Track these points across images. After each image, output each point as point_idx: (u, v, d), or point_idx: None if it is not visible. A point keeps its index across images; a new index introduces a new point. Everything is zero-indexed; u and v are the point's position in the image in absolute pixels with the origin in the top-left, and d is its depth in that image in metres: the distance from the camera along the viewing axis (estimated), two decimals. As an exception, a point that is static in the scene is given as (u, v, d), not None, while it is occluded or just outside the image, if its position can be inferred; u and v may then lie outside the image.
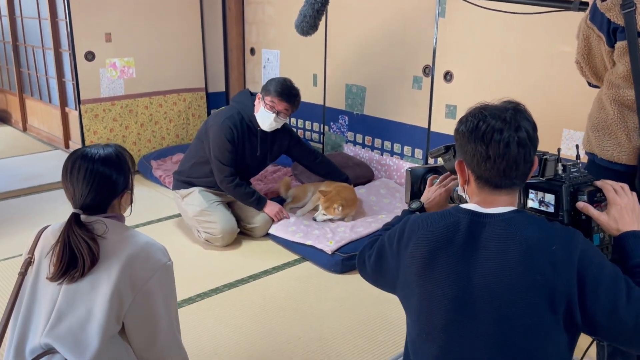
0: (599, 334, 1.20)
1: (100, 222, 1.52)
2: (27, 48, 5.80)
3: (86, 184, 1.51)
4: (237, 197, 3.36)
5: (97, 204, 1.54)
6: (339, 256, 3.02)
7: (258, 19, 4.84)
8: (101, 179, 1.52)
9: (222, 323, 2.55)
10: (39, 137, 5.93)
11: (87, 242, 1.47)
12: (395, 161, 4.00)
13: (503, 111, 1.24)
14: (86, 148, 1.58)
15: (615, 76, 1.78)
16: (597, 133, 1.85)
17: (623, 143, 1.78)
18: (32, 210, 3.92)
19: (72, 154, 1.57)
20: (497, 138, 1.21)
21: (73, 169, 1.53)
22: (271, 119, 3.25)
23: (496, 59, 3.29)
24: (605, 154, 1.82)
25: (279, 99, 3.22)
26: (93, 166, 1.52)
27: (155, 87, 4.76)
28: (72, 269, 1.47)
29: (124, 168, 1.58)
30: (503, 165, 1.23)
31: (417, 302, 1.30)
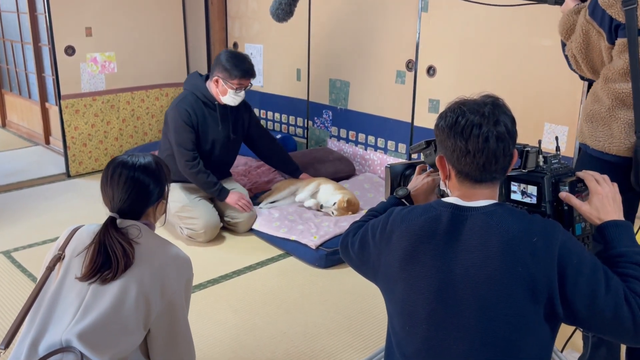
0: (579, 324, 1.21)
1: (135, 227, 1.58)
2: (5, 43, 5.71)
3: (125, 190, 1.59)
4: (199, 184, 3.31)
5: (133, 209, 1.62)
6: (323, 251, 3.01)
7: (241, 13, 4.81)
8: (140, 186, 1.60)
9: (205, 318, 2.54)
10: (18, 133, 5.84)
11: (122, 245, 1.52)
12: (379, 156, 4.01)
13: (482, 106, 1.25)
14: (126, 156, 1.66)
15: (612, 71, 1.80)
16: (590, 124, 1.89)
17: (615, 134, 1.81)
18: (13, 207, 3.86)
19: (113, 161, 1.65)
20: (476, 133, 1.22)
21: (114, 175, 1.60)
22: (242, 95, 3.33)
23: (478, 53, 3.30)
24: (597, 144, 1.86)
25: (246, 78, 3.28)
26: (134, 174, 1.60)
27: (137, 82, 4.71)
28: (105, 270, 1.50)
29: (161, 178, 1.66)
30: (482, 159, 1.24)
31: (400, 295, 1.31)
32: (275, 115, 4.76)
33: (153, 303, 1.52)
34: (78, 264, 1.55)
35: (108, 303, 1.48)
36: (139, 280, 1.51)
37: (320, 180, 3.62)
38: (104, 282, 1.50)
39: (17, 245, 3.28)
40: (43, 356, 1.43)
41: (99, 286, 1.51)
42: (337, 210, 3.37)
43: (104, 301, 1.49)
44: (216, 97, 3.33)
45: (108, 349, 1.46)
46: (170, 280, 1.55)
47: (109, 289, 1.50)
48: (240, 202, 3.34)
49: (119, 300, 1.49)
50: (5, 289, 2.79)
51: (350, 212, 3.38)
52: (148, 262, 1.54)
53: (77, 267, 1.54)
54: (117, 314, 1.48)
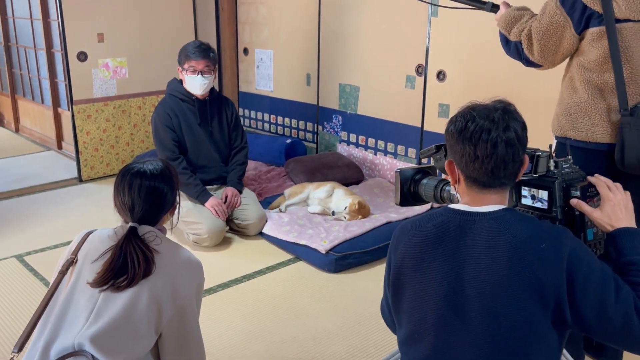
0: (588, 332, 1.20)
1: (152, 233, 1.60)
2: (19, 48, 5.77)
3: (146, 200, 1.60)
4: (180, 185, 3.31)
5: (151, 217, 1.63)
6: (333, 255, 3.01)
7: (251, 19, 4.84)
8: (158, 194, 1.62)
9: (215, 323, 2.54)
10: (31, 137, 5.89)
11: (144, 253, 1.53)
12: (389, 160, 4.01)
13: (492, 111, 1.25)
14: (138, 164, 1.66)
15: (587, 62, 1.88)
16: (570, 117, 1.96)
17: (597, 123, 1.89)
18: (25, 211, 3.90)
19: (127, 170, 1.64)
20: (485, 138, 1.22)
21: (133, 185, 1.60)
22: (198, 80, 3.35)
23: (489, 58, 3.29)
24: (579, 135, 1.93)
25: (196, 60, 3.33)
26: (153, 183, 1.61)
27: (148, 88, 4.74)
28: (119, 278, 1.51)
29: (174, 183, 1.68)
30: (491, 165, 1.23)
31: (408, 302, 1.31)
32: (285, 120, 4.77)
33: (164, 307, 1.52)
34: (91, 269, 1.55)
35: (120, 307, 1.49)
36: (151, 285, 1.52)
37: (333, 184, 3.62)
38: (116, 290, 1.51)
39: (30, 249, 3.30)
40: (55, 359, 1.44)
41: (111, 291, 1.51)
42: (348, 213, 3.37)
43: (116, 305, 1.49)
44: (189, 91, 3.42)
45: (120, 353, 1.47)
46: (181, 285, 1.56)
47: (121, 293, 1.51)
48: (216, 207, 3.32)
49: (130, 304, 1.49)
50: (18, 293, 2.82)
51: (361, 216, 3.38)
52: (161, 267, 1.55)
53: (89, 272, 1.55)
54: (128, 318, 1.49)
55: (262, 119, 4.99)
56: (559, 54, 1.96)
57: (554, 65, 2.05)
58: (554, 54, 1.96)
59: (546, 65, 2.03)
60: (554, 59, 1.99)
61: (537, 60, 2.00)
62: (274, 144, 4.49)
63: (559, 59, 2.00)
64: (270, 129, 4.92)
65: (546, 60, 2.00)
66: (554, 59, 1.99)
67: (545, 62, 2.01)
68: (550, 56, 1.97)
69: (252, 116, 5.08)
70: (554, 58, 1.98)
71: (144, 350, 1.51)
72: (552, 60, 2.00)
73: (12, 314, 2.62)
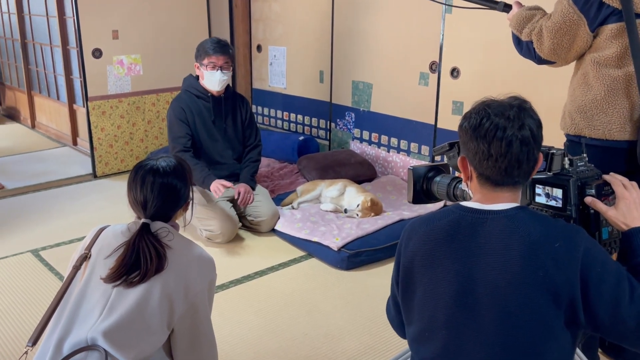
0: (601, 333, 1.19)
1: (165, 229, 1.60)
2: (35, 45, 5.83)
3: (160, 197, 1.61)
4: None
5: (165, 213, 1.64)
6: (345, 252, 3.01)
7: (265, 16, 4.84)
8: (172, 191, 1.63)
9: (227, 319, 2.55)
10: (47, 134, 5.96)
11: (157, 249, 1.54)
12: (402, 158, 3.99)
13: (507, 108, 1.23)
14: (152, 161, 1.66)
15: (604, 58, 1.86)
16: (584, 114, 1.93)
17: (614, 120, 1.86)
18: (41, 206, 3.94)
19: (140, 167, 1.64)
20: (500, 136, 1.20)
21: (146, 182, 1.60)
22: (217, 76, 3.37)
23: (504, 54, 3.26)
24: (595, 132, 1.90)
25: (216, 55, 3.34)
26: (166, 180, 1.61)
27: (162, 84, 4.77)
28: (132, 273, 1.52)
29: (187, 179, 1.68)
30: (505, 163, 1.21)
31: (419, 300, 1.30)
32: (298, 117, 4.78)
33: (176, 303, 1.53)
34: (104, 264, 1.56)
35: (132, 302, 1.50)
36: (163, 281, 1.52)
37: (345, 182, 3.62)
38: (129, 286, 1.51)
39: (45, 244, 3.34)
40: (68, 354, 1.45)
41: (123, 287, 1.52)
42: (360, 211, 3.36)
43: (128, 300, 1.50)
44: (206, 88, 3.43)
45: (132, 348, 1.47)
46: (193, 281, 1.57)
47: (133, 289, 1.52)
48: (216, 186, 3.25)
49: (143, 299, 1.50)
50: (33, 287, 2.85)
51: (373, 214, 3.37)
52: (173, 263, 1.55)
53: (103, 267, 1.56)
54: (141, 314, 1.49)
55: (275, 116, 5.00)
56: (572, 51, 1.95)
57: (567, 63, 2.03)
58: (567, 52, 1.95)
59: (559, 62, 2.01)
60: (567, 57, 1.98)
61: (548, 57, 1.99)
62: (286, 140, 4.50)
63: (572, 57, 1.98)
64: (283, 126, 4.93)
65: (559, 58, 1.98)
66: (567, 57, 1.98)
67: (558, 59, 1.99)
68: (564, 54, 1.96)
69: (265, 113, 5.09)
70: (567, 55, 1.97)
71: (156, 346, 1.52)
72: (565, 58, 1.98)
73: (27, 308, 2.66)
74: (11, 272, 3.01)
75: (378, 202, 3.44)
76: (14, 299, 2.73)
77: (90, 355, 1.45)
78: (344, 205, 3.47)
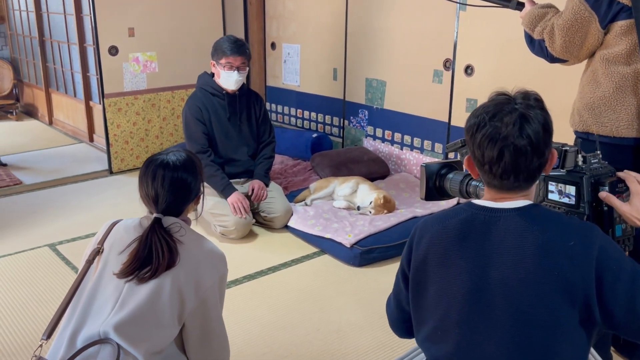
0: (617, 330, 1.18)
1: (177, 224, 1.60)
2: (53, 43, 5.91)
3: (170, 191, 1.60)
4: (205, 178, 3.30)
5: (176, 208, 1.64)
6: (358, 249, 3.02)
7: (279, 14, 4.86)
8: (182, 185, 1.62)
9: (240, 314, 2.58)
10: (64, 130, 6.03)
11: (169, 244, 1.54)
12: (415, 155, 3.99)
13: (507, 114, 1.18)
14: (162, 155, 1.66)
15: (613, 55, 1.86)
16: (593, 111, 1.93)
17: (622, 117, 1.87)
18: (58, 202, 4.00)
19: (151, 161, 1.64)
20: (492, 146, 1.18)
21: (156, 177, 1.60)
22: (234, 76, 3.38)
23: (518, 52, 3.24)
24: (603, 129, 1.90)
25: (233, 56, 3.35)
26: (177, 174, 1.61)
27: (177, 82, 4.80)
28: (144, 269, 1.52)
29: (198, 173, 1.68)
30: (500, 171, 1.20)
31: (431, 299, 1.29)
32: (311, 114, 4.79)
33: (187, 298, 1.54)
34: (117, 259, 1.57)
35: (144, 296, 1.51)
36: (174, 276, 1.53)
37: (358, 179, 3.63)
38: (140, 282, 1.52)
39: (62, 238, 3.39)
40: (81, 347, 1.47)
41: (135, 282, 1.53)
42: (373, 208, 3.37)
43: (140, 294, 1.51)
44: (221, 86, 3.45)
45: (144, 342, 1.49)
46: (204, 276, 1.57)
47: (145, 283, 1.53)
48: (236, 203, 3.29)
49: (154, 294, 1.51)
50: (50, 281, 2.90)
51: (386, 211, 3.38)
52: (184, 258, 1.56)
53: (115, 262, 1.57)
54: (152, 308, 1.51)
55: (288, 114, 5.02)
56: (584, 49, 1.94)
57: (580, 61, 2.03)
58: (579, 50, 1.95)
59: (572, 60, 2.01)
60: (579, 54, 1.97)
61: (560, 55, 1.99)
62: (300, 138, 4.51)
63: (584, 55, 1.98)
64: (297, 124, 4.94)
65: (571, 55, 1.98)
66: (579, 54, 1.97)
67: (571, 57, 1.99)
68: (576, 51, 1.96)
69: (278, 110, 5.11)
70: (579, 53, 1.97)
71: (167, 340, 1.54)
72: (577, 55, 1.98)
73: (44, 301, 2.70)
74: (29, 266, 3.06)
75: (391, 200, 3.44)
76: (32, 292, 2.78)
77: (103, 349, 1.46)
78: (357, 203, 3.47)
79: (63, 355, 1.48)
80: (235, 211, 3.28)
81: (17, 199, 4.08)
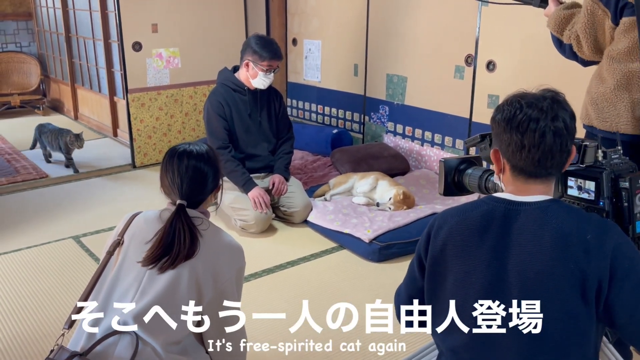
0: (616, 329, 1.19)
1: (199, 218, 1.63)
2: (78, 39, 6.01)
3: (191, 179, 1.63)
4: (226, 172, 3.35)
5: (195, 198, 1.66)
6: (377, 245, 3.02)
7: (300, 10, 4.87)
8: (202, 175, 1.65)
9: (258, 307, 2.60)
10: (89, 125, 6.14)
11: (192, 234, 1.57)
12: (436, 152, 3.97)
13: (540, 100, 1.23)
14: (187, 145, 1.69)
15: (616, 52, 1.88)
16: (596, 106, 1.96)
17: (622, 114, 1.89)
18: (83, 195, 4.08)
19: (175, 150, 1.68)
20: (533, 127, 1.20)
21: (181, 165, 1.64)
22: (270, 77, 3.43)
23: (540, 48, 3.20)
24: (604, 125, 1.93)
25: (275, 60, 3.40)
26: (198, 163, 1.64)
27: (199, 77, 4.85)
28: (165, 257, 1.55)
29: (218, 167, 1.71)
30: (538, 155, 1.22)
31: (449, 290, 1.30)
32: (332, 110, 4.79)
33: (205, 290, 1.55)
34: (137, 249, 1.60)
35: (162, 287, 1.53)
36: (192, 266, 1.55)
37: (377, 175, 3.62)
38: (161, 271, 1.54)
39: (86, 231, 3.46)
40: (101, 337, 1.50)
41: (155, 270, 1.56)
42: (393, 204, 3.36)
43: (158, 285, 1.54)
44: (246, 83, 3.47)
45: (161, 332, 1.51)
46: (222, 268, 1.59)
47: (164, 274, 1.55)
48: (257, 198, 3.32)
49: (172, 285, 1.53)
50: (74, 272, 2.97)
51: (405, 207, 3.37)
52: (202, 250, 1.58)
53: (135, 252, 1.60)
54: (170, 299, 1.53)
55: (309, 109, 5.03)
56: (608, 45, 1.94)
57: None
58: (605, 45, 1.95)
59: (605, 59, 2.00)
60: None
61: (591, 58, 2.00)
62: (320, 134, 4.52)
63: None
64: (317, 119, 4.95)
65: (601, 54, 1.98)
66: None
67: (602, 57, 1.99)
68: (604, 48, 1.96)
69: (299, 106, 5.13)
70: None
71: (185, 331, 1.56)
72: None
73: (68, 292, 2.76)
74: (54, 257, 3.13)
75: (410, 195, 3.43)
76: (56, 282, 2.85)
77: (122, 339, 1.49)
78: (377, 199, 3.47)
79: (83, 345, 1.51)
80: (256, 206, 3.31)
81: (43, 191, 4.17)
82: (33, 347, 2.36)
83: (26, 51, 7.07)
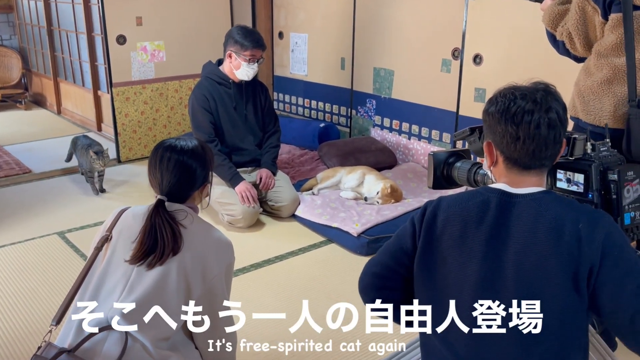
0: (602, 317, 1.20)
1: (182, 211, 1.60)
2: (61, 32, 5.92)
3: (174, 174, 1.61)
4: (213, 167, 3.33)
5: (180, 193, 1.63)
6: (365, 238, 3.02)
7: (286, 3, 4.84)
8: (187, 169, 1.62)
9: (247, 302, 2.59)
10: (72, 119, 6.06)
11: (172, 229, 1.54)
12: (423, 145, 3.98)
13: (534, 92, 1.24)
14: (174, 140, 1.67)
15: (603, 47, 1.91)
16: (582, 99, 2.00)
17: (605, 107, 1.92)
18: (67, 190, 4.03)
19: (161, 144, 1.66)
20: (528, 119, 1.21)
21: (163, 158, 1.61)
22: (254, 67, 3.41)
23: (527, 41, 3.22)
24: (588, 117, 1.97)
25: (257, 49, 3.37)
26: (182, 157, 1.61)
27: (185, 71, 4.81)
28: (152, 253, 1.53)
29: (207, 162, 1.68)
30: (533, 146, 1.22)
31: (443, 279, 1.29)
32: (319, 104, 4.78)
33: (193, 286, 1.54)
34: (125, 245, 1.58)
35: (150, 283, 1.52)
36: (181, 263, 1.54)
37: (364, 170, 3.62)
38: (149, 267, 1.53)
39: (71, 226, 3.42)
40: (90, 333, 1.48)
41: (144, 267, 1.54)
42: (381, 198, 3.37)
43: (146, 281, 1.52)
44: (230, 75, 3.45)
45: (150, 329, 1.50)
46: (211, 264, 1.57)
47: (152, 270, 1.53)
48: (244, 192, 3.32)
49: (161, 281, 1.52)
50: (59, 268, 2.93)
51: (393, 200, 3.38)
52: (191, 246, 1.56)
53: (123, 249, 1.58)
54: (158, 295, 1.51)
55: (296, 103, 5.01)
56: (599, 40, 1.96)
57: None
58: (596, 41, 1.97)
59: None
60: None
61: (583, 54, 2.03)
62: (307, 127, 4.51)
63: None
64: (304, 113, 4.94)
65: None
66: None
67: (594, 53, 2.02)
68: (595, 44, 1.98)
69: (286, 100, 5.11)
70: None
71: (175, 327, 1.54)
72: None
73: (53, 288, 2.73)
74: (38, 253, 3.09)
75: (398, 189, 3.44)
76: (41, 279, 2.81)
77: (111, 335, 1.48)
78: (364, 193, 3.47)
79: (71, 341, 1.49)
80: (243, 200, 3.29)
81: (26, 187, 4.11)
82: (19, 345, 2.33)
83: (7, 44, 6.95)
